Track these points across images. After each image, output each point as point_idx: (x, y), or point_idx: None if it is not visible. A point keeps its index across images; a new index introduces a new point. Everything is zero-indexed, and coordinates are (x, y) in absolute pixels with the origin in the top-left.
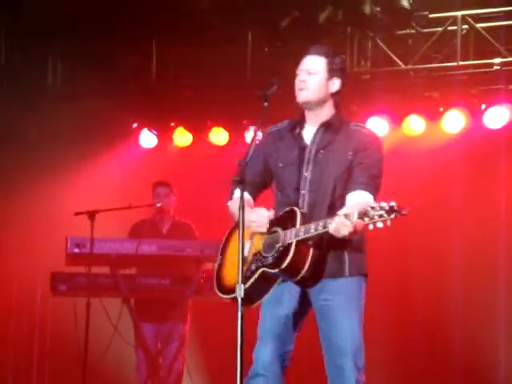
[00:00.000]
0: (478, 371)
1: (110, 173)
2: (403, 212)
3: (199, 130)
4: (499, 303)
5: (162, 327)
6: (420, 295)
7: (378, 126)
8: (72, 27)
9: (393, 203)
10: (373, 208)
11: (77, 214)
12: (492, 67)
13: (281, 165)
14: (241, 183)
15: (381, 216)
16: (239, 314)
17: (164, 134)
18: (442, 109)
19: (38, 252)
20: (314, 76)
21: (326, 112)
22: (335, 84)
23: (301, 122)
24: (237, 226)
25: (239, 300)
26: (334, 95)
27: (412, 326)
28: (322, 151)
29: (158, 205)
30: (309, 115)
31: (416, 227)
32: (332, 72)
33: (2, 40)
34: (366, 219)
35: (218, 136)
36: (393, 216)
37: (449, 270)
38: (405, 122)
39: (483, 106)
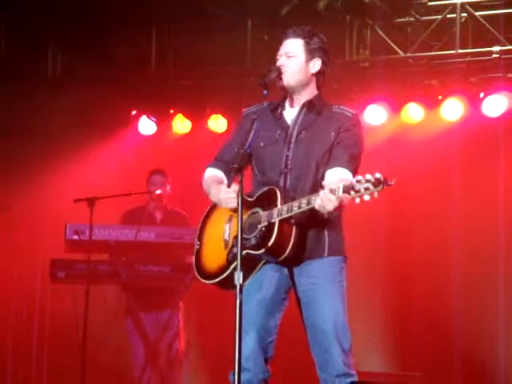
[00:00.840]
0: (477, 361)
1: (109, 160)
2: (389, 183)
3: (198, 117)
4: (499, 293)
5: (159, 315)
6: (419, 285)
7: (376, 114)
8: (72, 16)
9: (378, 174)
10: (358, 181)
11: (76, 200)
12: (491, 55)
13: (262, 144)
14: (239, 171)
15: (367, 189)
16: (237, 301)
17: (163, 121)
18: (440, 97)
19: (37, 239)
20: (293, 59)
21: (308, 93)
22: (316, 64)
23: (282, 102)
24: (212, 209)
25: (238, 287)
26: (316, 75)
27: (411, 315)
28: (303, 131)
29: (158, 192)
30: (290, 97)
31: (414, 215)
32: (311, 52)
33: (1, 29)
34: (352, 193)
35: (217, 123)
36: (379, 188)
37: (448, 259)
38: (403, 109)
39: (482, 94)
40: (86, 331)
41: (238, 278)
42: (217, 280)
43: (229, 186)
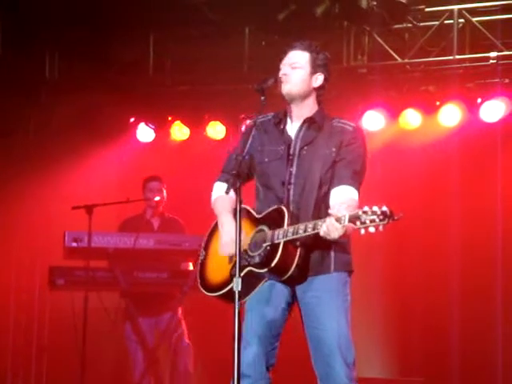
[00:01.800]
0: (475, 365)
1: (107, 167)
2: (395, 218)
3: (196, 124)
4: (497, 298)
5: (159, 320)
6: (418, 291)
7: (374, 120)
8: (70, 21)
9: (385, 208)
10: (365, 212)
11: (74, 208)
12: (488, 61)
13: (266, 159)
14: (238, 177)
15: (372, 221)
16: (236, 308)
17: (161, 129)
18: (438, 103)
19: (36, 246)
20: (297, 70)
21: (309, 107)
22: (318, 79)
23: (284, 116)
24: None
25: (236, 293)
26: (316, 90)
27: (411, 321)
28: (305, 147)
29: (157, 198)
30: (292, 110)
31: (412, 220)
32: (315, 67)
33: None
34: (358, 223)
35: (216, 130)
36: (385, 222)
37: (446, 265)
38: (401, 115)
39: (479, 100)
40: (84, 338)
41: (237, 284)
42: (219, 293)
43: (226, 192)
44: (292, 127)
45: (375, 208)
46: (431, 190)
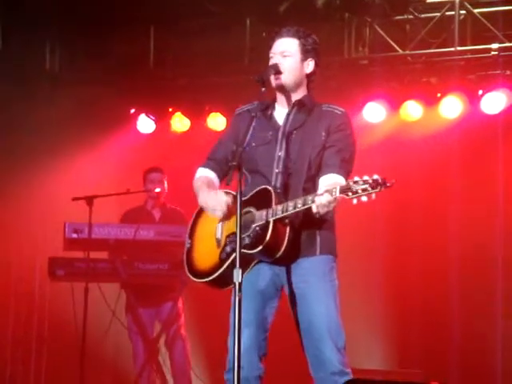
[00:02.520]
0: (475, 358)
1: (107, 158)
2: (388, 184)
3: (197, 115)
4: (497, 290)
5: (159, 311)
6: (418, 283)
7: (375, 111)
8: (70, 13)
9: (376, 176)
10: (355, 182)
11: (75, 199)
12: (489, 53)
13: (254, 144)
14: (239, 169)
15: (364, 190)
16: (236, 299)
17: (162, 120)
18: (439, 94)
19: (36, 237)
20: (288, 58)
21: (300, 93)
22: (309, 65)
23: (272, 103)
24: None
25: (237, 285)
26: (308, 77)
27: (410, 314)
28: (294, 132)
29: (157, 190)
30: (281, 97)
31: (413, 212)
32: (306, 53)
33: None
34: (350, 194)
35: (216, 121)
36: (377, 189)
37: (447, 257)
38: (402, 107)
39: (481, 92)
40: (85, 329)
41: (237, 275)
42: (209, 279)
43: (226, 184)
44: (281, 113)
45: (366, 177)
46: (432, 182)
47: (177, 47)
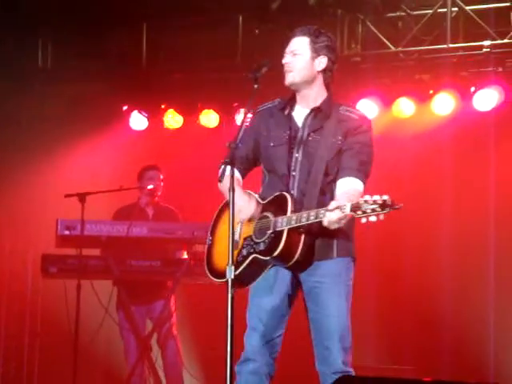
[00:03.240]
0: (467, 355)
1: (100, 155)
2: (396, 207)
3: (190, 112)
4: (489, 288)
5: (151, 308)
6: (411, 281)
7: (367, 108)
8: (62, 11)
9: (386, 197)
10: (366, 201)
11: (67, 196)
12: (482, 50)
13: (272, 144)
14: (231, 165)
15: (374, 210)
16: (229, 295)
17: (154, 117)
18: (431, 91)
19: (28, 234)
20: (298, 56)
21: (316, 92)
22: (321, 62)
23: (291, 102)
24: (227, 206)
25: (229, 282)
26: (322, 73)
27: (403, 311)
28: (312, 134)
29: (150, 187)
30: (299, 96)
31: (405, 209)
32: (317, 50)
33: None
34: (359, 212)
35: (209, 118)
36: (386, 211)
37: (439, 254)
38: (395, 104)
39: (473, 89)
40: (77, 326)
41: (230, 272)
42: (225, 280)
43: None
44: (299, 113)
45: (376, 197)
46: (424, 178)
47: (169, 44)
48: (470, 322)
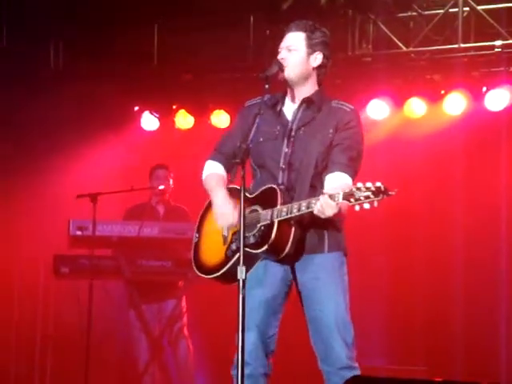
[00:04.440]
0: (478, 355)
1: (111, 156)
2: (390, 193)
3: (201, 112)
4: (500, 287)
5: (162, 307)
6: (422, 281)
7: (379, 108)
8: (74, 11)
9: (379, 184)
10: (358, 189)
11: (79, 196)
12: (493, 49)
13: (261, 139)
14: (242, 165)
15: (367, 197)
16: (240, 296)
17: (166, 117)
18: (443, 91)
19: (40, 235)
20: (294, 52)
21: (309, 88)
22: (317, 58)
23: (282, 97)
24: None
25: (241, 282)
26: (316, 70)
27: (414, 311)
28: (303, 128)
29: (161, 187)
30: (291, 92)
31: (416, 210)
32: (312, 46)
33: (3, 23)
34: (352, 200)
35: (220, 119)
36: (379, 197)
37: (450, 254)
38: (406, 104)
39: (484, 89)
40: (89, 326)
41: (241, 272)
42: (214, 275)
43: (230, 180)
44: (290, 108)
45: (369, 184)
46: (435, 179)
47: (180, 44)
48: (482, 322)
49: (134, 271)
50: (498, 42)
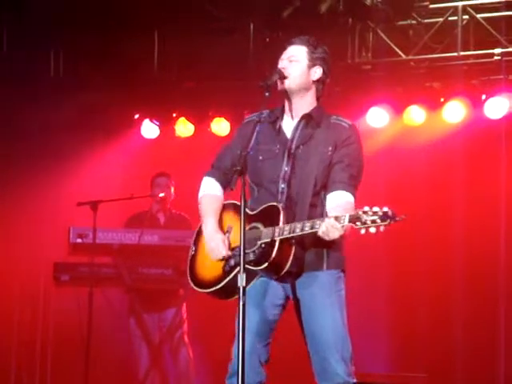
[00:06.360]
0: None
1: (112, 163)
2: (397, 218)
3: (201, 120)
4: (500, 295)
5: (162, 316)
6: (423, 287)
7: (378, 116)
8: (74, 18)
9: (386, 209)
10: (365, 212)
11: (79, 204)
12: (492, 57)
13: (261, 158)
14: (241, 173)
15: (373, 221)
16: (240, 303)
17: (166, 125)
18: (442, 99)
19: (40, 242)
20: (295, 63)
21: (307, 102)
22: (317, 72)
23: (281, 113)
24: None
25: (241, 289)
26: (316, 84)
27: (415, 317)
28: (301, 146)
29: (161, 195)
30: (289, 106)
31: (417, 217)
32: (313, 60)
33: (3, 31)
34: (358, 223)
35: (220, 126)
36: (386, 222)
37: (451, 261)
38: (405, 112)
39: (484, 97)
40: (89, 334)
41: (242, 279)
42: (210, 290)
43: (231, 188)
44: (289, 124)
45: (376, 208)
46: (435, 187)
47: (181, 52)
48: (482, 330)
49: (135, 279)
50: (498, 50)
